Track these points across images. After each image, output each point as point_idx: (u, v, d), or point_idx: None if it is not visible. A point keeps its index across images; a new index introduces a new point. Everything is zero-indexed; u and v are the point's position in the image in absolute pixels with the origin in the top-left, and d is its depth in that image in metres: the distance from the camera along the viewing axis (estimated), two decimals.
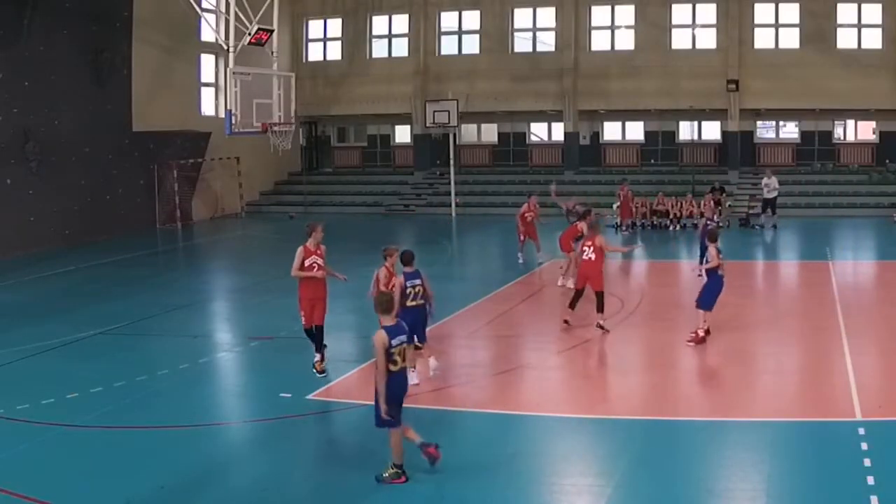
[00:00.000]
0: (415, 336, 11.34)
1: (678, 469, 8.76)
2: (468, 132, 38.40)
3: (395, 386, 8.50)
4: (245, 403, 11.68)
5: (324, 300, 12.29)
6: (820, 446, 9.21)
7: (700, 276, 14.39)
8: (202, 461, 9.31)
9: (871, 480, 8.14)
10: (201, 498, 8.45)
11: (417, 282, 11.71)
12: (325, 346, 12.41)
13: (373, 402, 8.63)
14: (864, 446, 8.96)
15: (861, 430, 9.38)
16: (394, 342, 8.39)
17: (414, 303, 11.65)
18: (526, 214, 21.36)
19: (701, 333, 13.52)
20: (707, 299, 13.54)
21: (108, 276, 21.92)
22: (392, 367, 8.40)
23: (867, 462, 8.54)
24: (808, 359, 13.02)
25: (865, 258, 23.73)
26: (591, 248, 14.42)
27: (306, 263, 12.08)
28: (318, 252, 12.20)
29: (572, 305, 14.72)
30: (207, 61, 33.92)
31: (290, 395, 11.38)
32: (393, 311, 8.64)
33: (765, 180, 28.66)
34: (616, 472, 8.82)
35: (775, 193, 28.35)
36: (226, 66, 24.44)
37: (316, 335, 12.32)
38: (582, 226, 18.05)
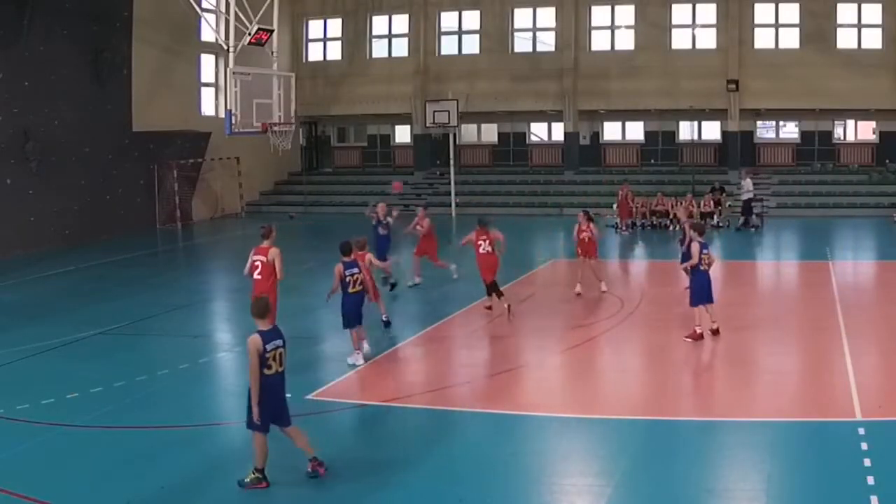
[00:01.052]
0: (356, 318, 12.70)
1: (678, 469, 8.76)
2: (468, 132, 38.41)
3: (270, 390, 8.46)
4: (245, 403, 11.63)
5: None
6: (820, 446, 9.20)
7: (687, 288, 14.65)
8: (202, 461, 9.31)
9: (871, 480, 8.13)
10: (201, 498, 8.45)
11: (356, 270, 12.56)
12: None
13: (373, 402, 8.61)
14: (864, 446, 8.95)
15: (861, 430, 9.37)
16: (268, 346, 8.35)
17: (353, 290, 12.55)
18: (416, 227, 18.83)
19: (698, 330, 13.57)
20: (697, 296, 13.62)
21: (108, 276, 21.91)
22: (267, 371, 8.38)
23: (867, 462, 8.53)
24: (808, 359, 13.02)
25: (865, 258, 23.73)
26: (487, 242, 15.65)
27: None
28: None
29: (494, 293, 15.66)
30: (207, 61, 33.93)
31: (289, 395, 11.32)
32: (268, 315, 8.55)
33: (741, 181, 28.70)
34: (616, 472, 8.82)
35: (749, 195, 28.40)
36: (226, 66, 24.43)
37: None
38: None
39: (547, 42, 36.31)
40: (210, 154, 33.00)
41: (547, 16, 35.87)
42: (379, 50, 38.06)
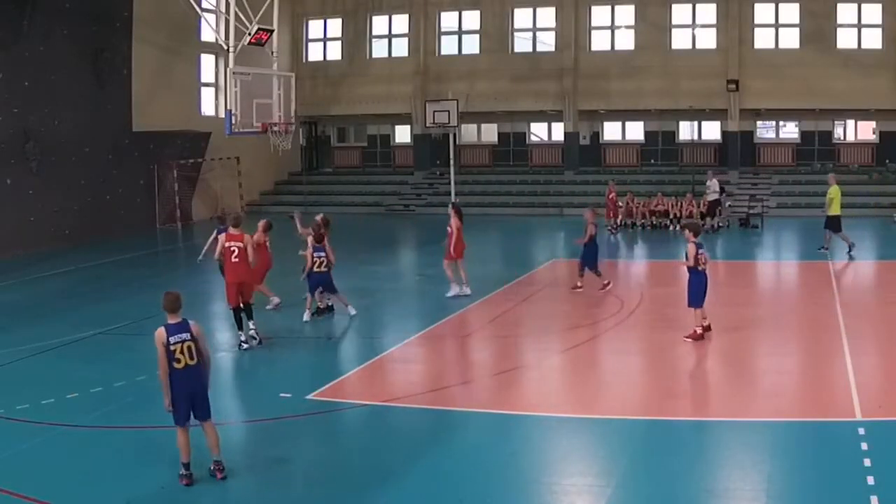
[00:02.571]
0: (322, 289, 15.47)
1: (678, 469, 8.75)
2: (468, 132, 38.41)
3: (181, 383, 8.55)
4: (245, 403, 11.68)
5: None
6: (820, 446, 9.20)
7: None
8: (202, 461, 9.29)
9: (871, 480, 8.12)
10: (201, 498, 8.45)
11: (322, 254, 15.12)
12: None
13: (373, 402, 8.60)
14: (864, 446, 8.94)
15: (861, 430, 9.36)
16: (172, 339, 8.52)
17: (318, 270, 15.15)
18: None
19: (699, 331, 13.58)
20: (694, 297, 13.64)
21: (108, 276, 21.92)
22: (176, 365, 8.50)
23: (867, 462, 8.53)
24: (808, 359, 13.01)
25: (865, 258, 23.71)
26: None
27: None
28: None
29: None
30: (207, 61, 33.94)
31: (290, 395, 11.38)
32: (177, 311, 8.74)
33: (707, 182, 28.67)
34: (616, 472, 8.82)
35: (715, 196, 28.37)
36: (226, 66, 24.43)
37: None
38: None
39: (547, 42, 36.32)
40: (210, 154, 33.00)
41: (547, 16, 35.87)
42: (379, 50, 38.07)
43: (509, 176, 36.55)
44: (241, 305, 13.85)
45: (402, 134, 39.12)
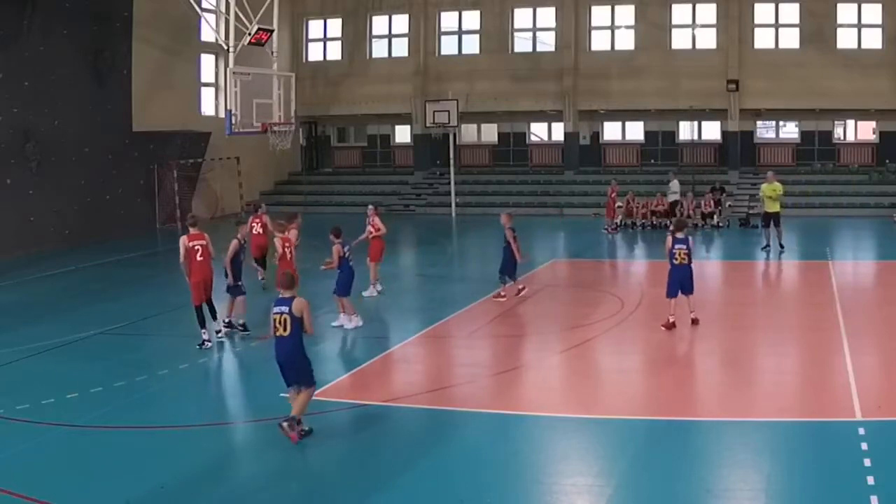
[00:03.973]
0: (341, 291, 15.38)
1: (678, 469, 8.76)
2: (468, 132, 38.40)
3: (275, 349, 9.68)
4: (245, 403, 11.69)
5: None
6: (820, 446, 9.20)
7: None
8: (202, 461, 9.31)
9: (871, 480, 8.13)
10: (201, 498, 8.45)
11: (347, 248, 15.44)
12: None
13: (373, 402, 8.59)
14: (864, 446, 8.95)
15: (861, 430, 9.37)
16: (274, 310, 9.58)
17: (350, 263, 15.38)
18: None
19: (671, 320, 14.23)
20: (669, 288, 14.45)
21: (108, 276, 21.92)
22: (274, 333, 9.60)
23: (867, 462, 8.54)
24: (808, 359, 13.02)
25: (865, 258, 23.73)
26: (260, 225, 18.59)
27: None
28: None
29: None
30: (207, 61, 33.94)
31: (289, 395, 11.36)
32: (289, 287, 9.65)
33: (668, 182, 28.65)
34: (616, 472, 8.82)
35: (674, 198, 28.26)
36: (226, 66, 24.44)
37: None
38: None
39: (547, 42, 36.31)
40: (210, 154, 33.00)
41: (547, 16, 35.86)
42: (379, 50, 38.06)
43: (509, 176, 36.55)
44: (206, 303, 14.11)
45: (402, 134, 39.11)
